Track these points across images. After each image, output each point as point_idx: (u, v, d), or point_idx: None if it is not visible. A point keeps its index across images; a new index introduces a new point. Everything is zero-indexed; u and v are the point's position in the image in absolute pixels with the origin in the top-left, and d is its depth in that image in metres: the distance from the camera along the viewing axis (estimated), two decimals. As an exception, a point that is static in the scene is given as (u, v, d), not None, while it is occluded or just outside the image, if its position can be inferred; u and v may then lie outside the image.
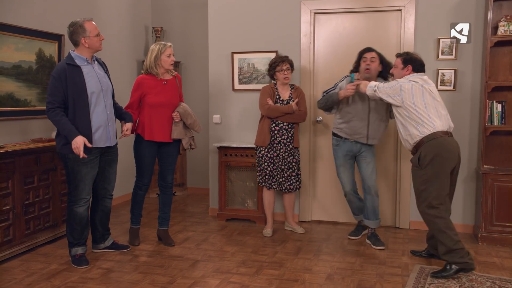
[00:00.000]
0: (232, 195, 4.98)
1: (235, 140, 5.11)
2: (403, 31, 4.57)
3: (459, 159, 3.55)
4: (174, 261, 3.79)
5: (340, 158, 4.26)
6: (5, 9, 4.10)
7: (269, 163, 4.42)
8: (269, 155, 4.42)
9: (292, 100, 4.39)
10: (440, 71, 4.48)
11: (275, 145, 4.39)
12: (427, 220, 3.55)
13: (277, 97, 4.40)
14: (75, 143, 3.43)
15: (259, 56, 4.92)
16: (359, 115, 4.09)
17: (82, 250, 3.73)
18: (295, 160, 4.44)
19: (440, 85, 4.46)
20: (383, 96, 3.64)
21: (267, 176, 4.44)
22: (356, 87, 3.91)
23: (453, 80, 4.47)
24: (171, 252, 4.02)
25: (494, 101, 4.25)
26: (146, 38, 6.31)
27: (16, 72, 4.21)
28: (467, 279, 3.39)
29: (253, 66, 4.98)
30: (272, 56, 4.78)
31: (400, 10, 4.58)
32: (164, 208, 4.22)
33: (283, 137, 4.38)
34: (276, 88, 4.44)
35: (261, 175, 4.48)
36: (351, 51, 4.19)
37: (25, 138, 4.31)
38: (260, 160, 4.46)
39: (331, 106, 4.20)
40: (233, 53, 5.02)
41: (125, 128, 3.84)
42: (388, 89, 3.60)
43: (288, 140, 4.39)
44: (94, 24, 3.61)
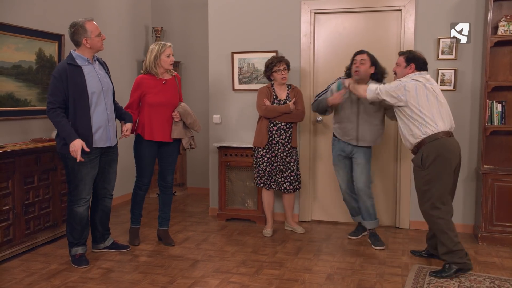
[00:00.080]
0: (232, 195, 4.98)
1: (235, 140, 5.11)
2: (403, 31, 4.57)
3: (460, 158, 3.55)
4: (174, 261, 3.79)
5: (334, 157, 4.32)
6: (5, 9, 4.10)
7: (267, 164, 4.42)
8: (267, 155, 4.41)
9: (289, 100, 4.39)
10: (440, 71, 4.48)
11: (273, 145, 4.39)
12: (429, 220, 3.55)
13: (274, 97, 4.40)
14: (73, 146, 3.43)
15: (259, 56, 4.92)
16: (348, 117, 4.13)
17: (82, 250, 3.73)
18: (293, 160, 4.44)
19: (440, 85, 4.45)
20: (386, 97, 3.58)
21: (266, 176, 4.44)
22: (353, 91, 3.88)
23: (453, 80, 4.47)
24: (171, 252, 4.02)
25: (494, 101, 4.25)
26: (146, 38, 6.31)
27: (16, 72, 4.21)
28: (466, 278, 3.39)
29: (253, 66, 4.98)
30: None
31: (400, 10, 4.58)
32: (164, 208, 4.22)
33: (281, 137, 4.38)
34: (273, 89, 4.44)
35: (259, 176, 4.48)
36: (351, 51, 4.19)
37: (25, 138, 4.31)
38: (259, 160, 4.46)
39: (323, 110, 4.23)
40: (233, 53, 5.02)
41: (125, 129, 3.84)
42: (391, 90, 3.54)
43: (286, 140, 4.39)
44: (95, 24, 3.60)
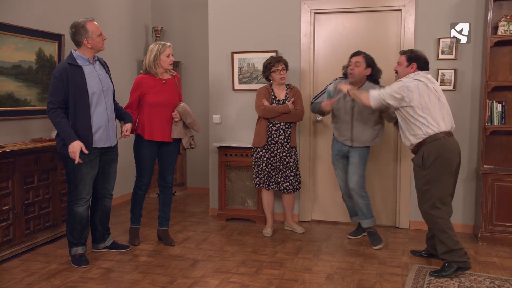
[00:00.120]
0: (232, 195, 4.98)
1: (235, 140, 5.11)
2: (403, 31, 4.57)
3: (459, 158, 3.55)
4: (174, 261, 3.79)
5: (333, 157, 4.35)
6: (5, 9, 4.10)
7: (267, 164, 4.41)
8: (266, 155, 4.41)
9: (288, 100, 4.38)
10: (440, 71, 4.48)
11: (272, 145, 4.39)
12: (429, 220, 3.55)
13: (273, 97, 4.40)
14: (72, 148, 3.43)
15: (259, 56, 4.91)
16: (343, 118, 4.17)
17: (82, 250, 3.73)
18: (292, 160, 4.43)
19: (440, 85, 4.44)
20: (390, 101, 3.53)
21: (265, 177, 4.44)
22: (355, 98, 3.84)
23: (453, 80, 4.47)
24: (171, 252, 4.02)
25: (494, 101, 4.25)
26: (146, 38, 6.31)
27: (16, 72, 4.21)
28: (466, 278, 3.39)
29: (253, 66, 4.98)
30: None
31: (400, 10, 4.58)
32: (164, 208, 4.22)
33: (281, 137, 4.37)
34: (272, 89, 4.43)
35: (258, 176, 4.47)
36: (351, 51, 4.19)
37: (25, 138, 4.31)
38: (258, 161, 4.45)
39: (320, 112, 4.29)
40: (233, 53, 5.02)
41: (125, 129, 3.84)
42: (394, 91, 3.50)
43: (286, 140, 4.39)
44: (96, 24, 3.60)
